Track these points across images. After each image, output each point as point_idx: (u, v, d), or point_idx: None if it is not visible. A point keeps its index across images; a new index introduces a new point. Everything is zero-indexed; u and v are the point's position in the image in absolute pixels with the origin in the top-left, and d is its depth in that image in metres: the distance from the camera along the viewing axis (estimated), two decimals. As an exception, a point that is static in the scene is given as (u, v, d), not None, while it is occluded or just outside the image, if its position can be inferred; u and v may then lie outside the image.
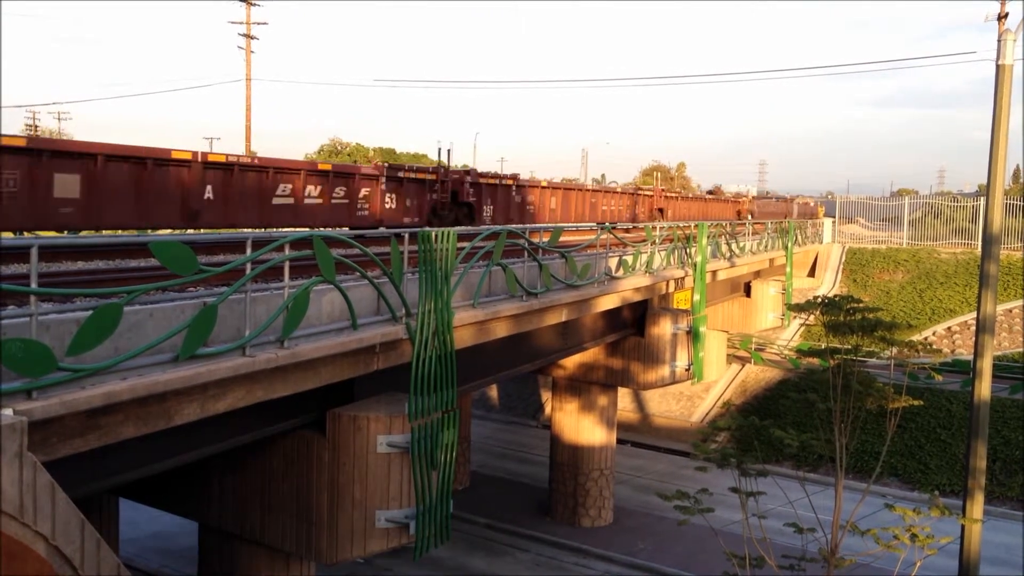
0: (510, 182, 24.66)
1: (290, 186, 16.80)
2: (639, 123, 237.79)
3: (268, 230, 16.58)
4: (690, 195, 44.24)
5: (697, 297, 22.39)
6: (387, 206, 19.62)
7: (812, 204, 65.05)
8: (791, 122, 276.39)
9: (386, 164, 20.09)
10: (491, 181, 23.51)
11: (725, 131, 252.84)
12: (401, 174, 19.95)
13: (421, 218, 20.77)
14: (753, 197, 52.96)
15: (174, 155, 14.42)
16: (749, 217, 45.17)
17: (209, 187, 15.06)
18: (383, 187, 19.32)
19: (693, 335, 21.72)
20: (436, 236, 11.04)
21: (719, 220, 37.59)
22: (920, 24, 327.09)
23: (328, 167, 18.23)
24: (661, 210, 35.20)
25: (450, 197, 21.72)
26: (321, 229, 17.25)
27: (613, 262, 17.88)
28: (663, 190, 37.20)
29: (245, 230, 16.04)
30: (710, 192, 51.55)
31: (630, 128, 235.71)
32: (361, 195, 18.79)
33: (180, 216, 14.77)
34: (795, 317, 33.50)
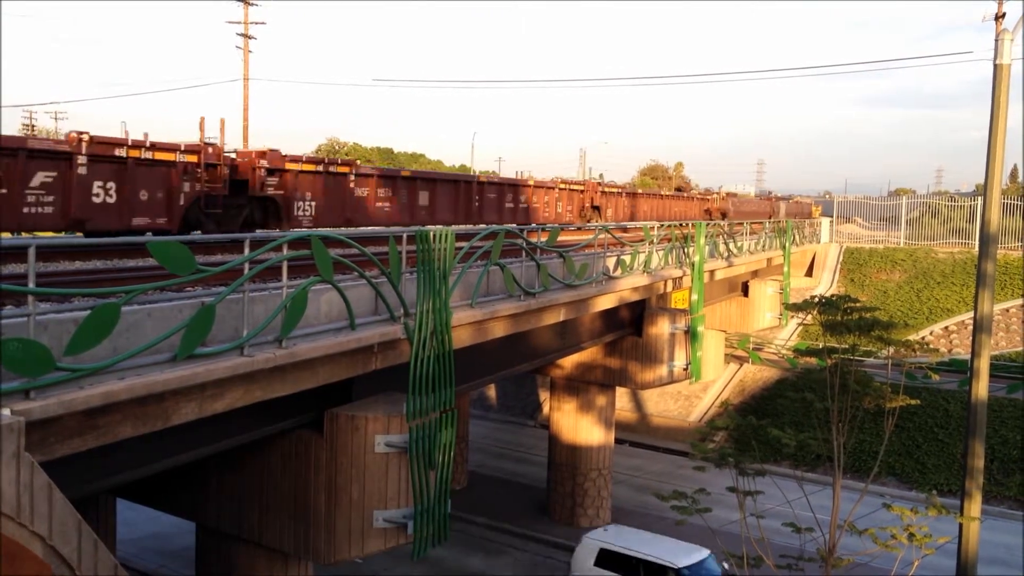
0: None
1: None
2: (638, 123, 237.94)
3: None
4: (640, 191, 39.00)
5: (695, 297, 22.40)
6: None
7: (807, 203, 64.06)
8: (789, 122, 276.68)
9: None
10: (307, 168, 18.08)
11: (724, 131, 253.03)
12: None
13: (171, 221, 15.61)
14: (727, 194, 48.34)
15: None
16: (721, 217, 41.91)
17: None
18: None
19: (691, 335, 21.73)
20: (434, 236, 11.04)
21: (679, 221, 34.22)
22: (919, 24, 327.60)
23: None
24: (597, 208, 31.40)
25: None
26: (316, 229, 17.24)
27: (611, 262, 17.88)
28: (599, 184, 32.80)
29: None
30: (679, 189, 48.46)
31: (629, 128, 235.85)
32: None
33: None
34: (793, 317, 33.51)
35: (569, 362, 22.04)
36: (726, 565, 15.94)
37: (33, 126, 71.02)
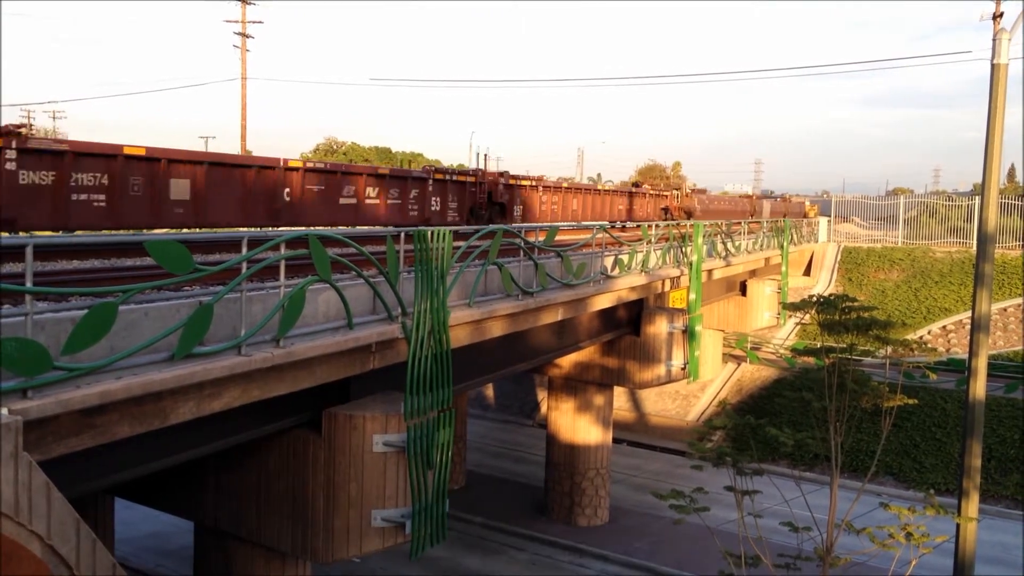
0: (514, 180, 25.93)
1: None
2: (636, 123, 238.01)
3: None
4: (567, 185, 31.11)
5: (693, 296, 22.42)
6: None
7: (800, 202, 61.59)
8: (788, 121, 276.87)
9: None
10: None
11: (723, 131, 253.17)
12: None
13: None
14: (692, 190, 42.00)
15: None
16: (687, 217, 37.01)
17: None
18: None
19: (689, 334, 21.74)
20: (432, 235, 11.04)
21: (620, 222, 31.73)
22: (918, 24, 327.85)
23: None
24: (501, 205, 24.80)
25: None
26: (316, 228, 17.24)
27: (609, 261, 17.89)
28: (500, 175, 25.19)
29: (240, 229, 16.12)
30: (635, 185, 40.70)
31: (627, 128, 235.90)
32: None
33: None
34: (791, 316, 33.54)
35: (567, 361, 22.04)
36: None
37: (31, 125, 70.92)
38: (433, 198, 21.47)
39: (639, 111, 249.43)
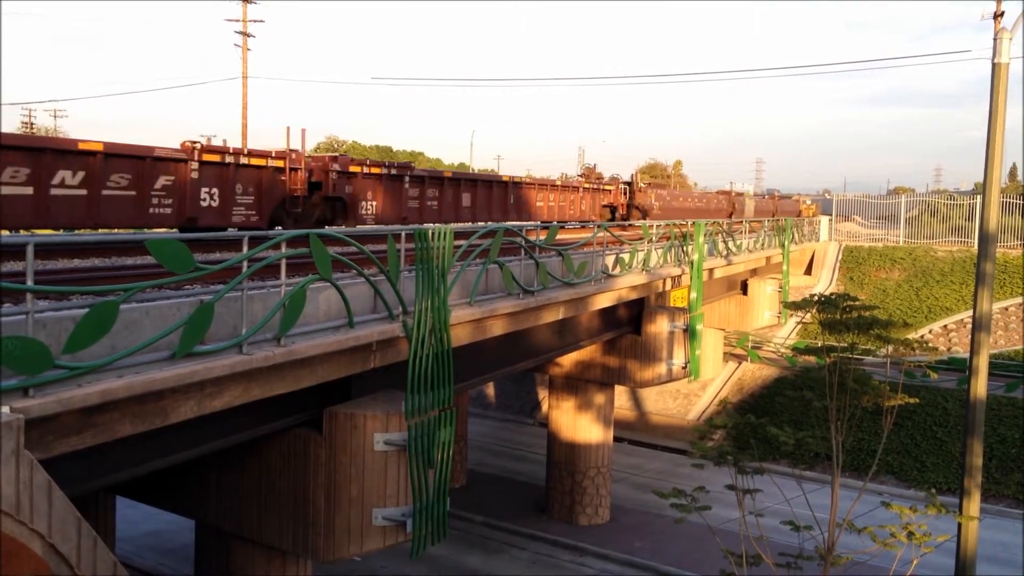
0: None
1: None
2: (637, 122, 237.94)
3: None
4: (462, 175, 25.21)
5: (694, 295, 22.41)
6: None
7: (793, 201, 59.49)
8: (789, 121, 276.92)
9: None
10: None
11: (723, 130, 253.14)
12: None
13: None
14: (648, 184, 36.65)
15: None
16: (642, 216, 33.07)
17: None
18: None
19: (690, 333, 21.74)
20: (433, 234, 11.04)
21: (518, 225, 22.19)
22: (918, 23, 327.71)
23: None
24: (341, 200, 19.30)
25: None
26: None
27: (610, 260, 17.89)
28: (333, 159, 19.34)
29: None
30: (584, 176, 35.58)
31: (628, 127, 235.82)
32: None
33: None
34: (792, 315, 33.52)
35: (568, 360, 22.04)
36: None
37: (32, 124, 70.94)
38: (204, 189, 15.82)
39: (640, 110, 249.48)
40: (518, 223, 21.73)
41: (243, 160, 16.59)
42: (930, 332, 33.70)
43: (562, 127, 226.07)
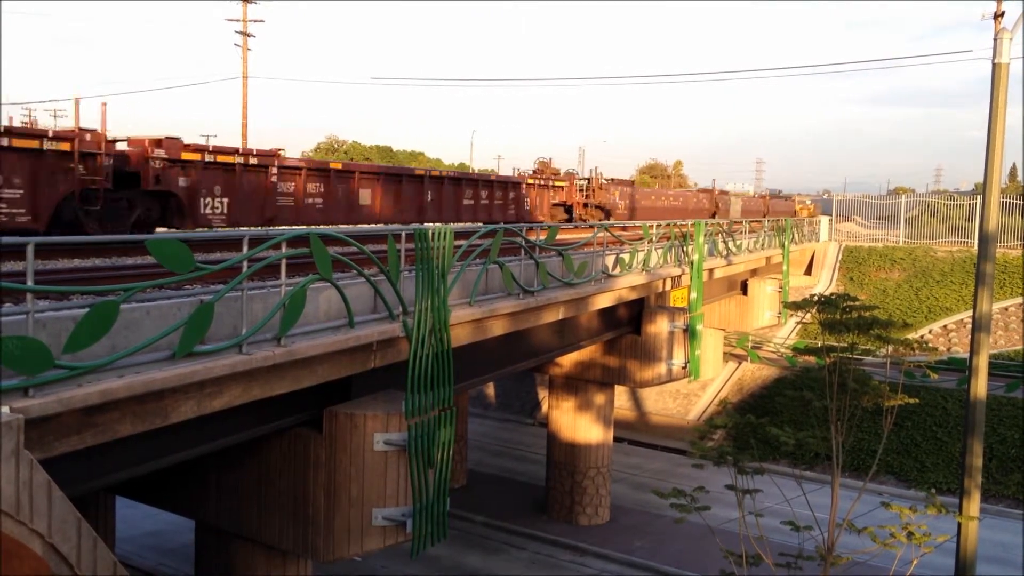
0: None
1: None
2: (638, 122, 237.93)
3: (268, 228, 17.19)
4: (364, 167, 21.08)
5: (694, 295, 22.41)
6: None
7: (789, 201, 58.72)
8: (789, 121, 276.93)
9: None
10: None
11: (723, 130, 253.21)
12: None
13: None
14: (610, 181, 32.93)
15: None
16: (605, 216, 30.81)
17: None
18: None
19: (690, 333, 21.74)
20: (433, 234, 11.04)
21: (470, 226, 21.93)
22: (918, 23, 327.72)
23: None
24: (174, 197, 15.90)
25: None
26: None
27: (610, 260, 17.89)
28: (157, 141, 15.46)
29: (242, 228, 16.11)
30: (538, 171, 32.78)
31: (628, 127, 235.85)
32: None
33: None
34: (792, 315, 33.52)
35: (568, 360, 22.04)
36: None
37: (33, 124, 70.92)
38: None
39: (641, 110, 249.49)
40: (469, 224, 20.05)
41: (2, 141, 12.74)
42: (930, 332, 33.70)
43: (563, 127, 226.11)
